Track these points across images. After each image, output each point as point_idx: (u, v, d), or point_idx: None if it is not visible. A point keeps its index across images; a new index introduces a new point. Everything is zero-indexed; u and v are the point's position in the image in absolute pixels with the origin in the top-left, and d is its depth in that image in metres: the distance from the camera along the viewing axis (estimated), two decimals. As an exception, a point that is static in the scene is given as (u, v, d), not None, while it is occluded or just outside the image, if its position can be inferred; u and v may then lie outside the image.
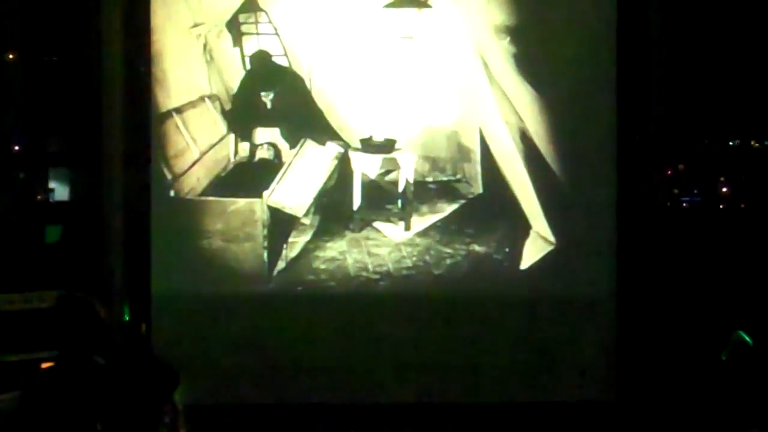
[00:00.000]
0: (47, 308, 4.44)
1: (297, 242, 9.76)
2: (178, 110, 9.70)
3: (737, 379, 6.62)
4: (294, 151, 9.76)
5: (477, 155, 9.81)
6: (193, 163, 9.72)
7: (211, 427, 8.11)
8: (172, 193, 9.67)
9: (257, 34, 9.84)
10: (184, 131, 9.70)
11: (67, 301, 4.40)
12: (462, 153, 9.85)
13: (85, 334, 4.33)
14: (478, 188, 9.85)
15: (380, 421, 9.15)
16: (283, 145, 9.78)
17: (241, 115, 9.76)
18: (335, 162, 9.80)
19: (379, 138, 9.81)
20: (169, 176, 9.66)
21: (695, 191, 12.62)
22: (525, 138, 9.75)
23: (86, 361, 4.34)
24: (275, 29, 9.80)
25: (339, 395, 9.45)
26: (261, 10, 9.78)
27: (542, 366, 9.66)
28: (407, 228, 9.84)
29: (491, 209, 9.83)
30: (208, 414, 7.59)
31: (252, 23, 9.81)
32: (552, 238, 9.75)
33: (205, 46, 9.76)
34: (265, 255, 9.66)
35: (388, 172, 9.86)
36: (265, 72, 9.82)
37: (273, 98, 9.82)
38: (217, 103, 9.77)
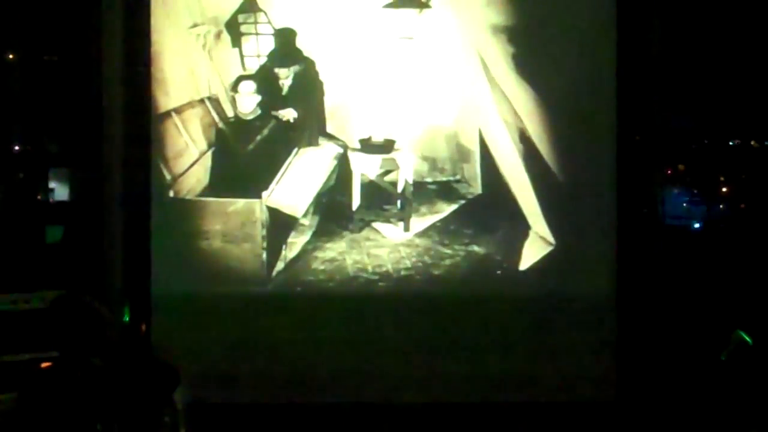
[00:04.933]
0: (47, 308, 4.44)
1: (296, 243, 9.76)
2: (178, 110, 9.70)
3: (737, 379, 6.63)
4: (293, 151, 9.76)
5: (476, 156, 9.82)
6: (193, 164, 9.72)
7: (211, 427, 8.12)
8: (171, 194, 9.66)
9: (256, 34, 9.83)
10: (183, 131, 9.70)
11: (62, 302, 4.40)
12: (461, 153, 9.86)
13: (82, 334, 4.32)
14: (477, 189, 9.85)
15: (380, 421, 9.15)
16: (282, 145, 9.78)
17: (241, 115, 9.75)
18: (334, 162, 9.80)
19: (378, 138, 9.81)
20: (168, 176, 9.65)
21: (695, 191, 12.65)
22: (524, 138, 9.75)
23: (85, 362, 4.34)
24: (274, 29, 9.80)
25: (339, 395, 9.45)
26: (260, 10, 9.78)
27: (542, 366, 9.66)
28: (406, 229, 9.83)
29: (491, 210, 9.83)
30: (208, 414, 7.60)
31: (251, 23, 9.81)
32: (551, 239, 9.75)
33: (204, 46, 9.76)
34: (264, 255, 9.65)
35: (387, 172, 9.86)
36: (264, 72, 9.82)
37: (272, 98, 9.81)
38: (217, 104, 9.77)
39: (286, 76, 9.82)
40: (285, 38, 9.77)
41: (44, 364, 4.50)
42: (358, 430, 9.18)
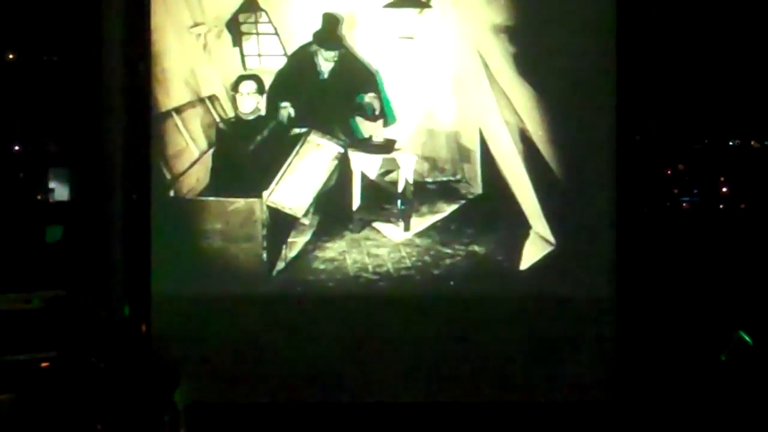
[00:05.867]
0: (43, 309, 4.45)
1: (296, 242, 9.76)
2: (178, 110, 9.71)
3: (737, 379, 6.63)
4: (293, 151, 9.75)
5: (477, 155, 9.81)
6: (193, 163, 9.72)
7: (211, 427, 8.13)
8: (172, 193, 9.67)
9: (257, 33, 9.83)
10: (183, 131, 9.70)
11: (58, 303, 4.41)
12: (462, 153, 9.85)
13: (78, 334, 4.33)
14: (477, 188, 9.85)
15: (380, 421, 9.16)
16: (283, 144, 9.77)
17: (241, 115, 9.75)
18: (335, 162, 9.79)
19: (378, 138, 9.81)
20: (169, 176, 9.66)
21: (695, 191, 12.64)
22: (525, 138, 9.75)
23: (85, 362, 4.34)
24: (275, 29, 9.80)
25: (339, 395, 9.46)
26: (261, 9, 9.78)
27: (542, 366, 9.66)
28: (407, 228, 9.83)
29: (491, 209, 9.83)
30: (208, 414, 7.61)
31: (252, 23, 9.81)
32: (552, 239, 9.75)
33: (205, 46, 9.76)
34: (265, 255, 9.65)
35: (387, 172, 9.85)
36: (264, 72, 9.82)
37: (274, 97, 9.81)
38: (217, 103, 9.77)
39: (300, 69, 9.79)
40: (285, 38, 9.77)
41: (44, 364, 4.51)
42: (358, 430, 9.18)
